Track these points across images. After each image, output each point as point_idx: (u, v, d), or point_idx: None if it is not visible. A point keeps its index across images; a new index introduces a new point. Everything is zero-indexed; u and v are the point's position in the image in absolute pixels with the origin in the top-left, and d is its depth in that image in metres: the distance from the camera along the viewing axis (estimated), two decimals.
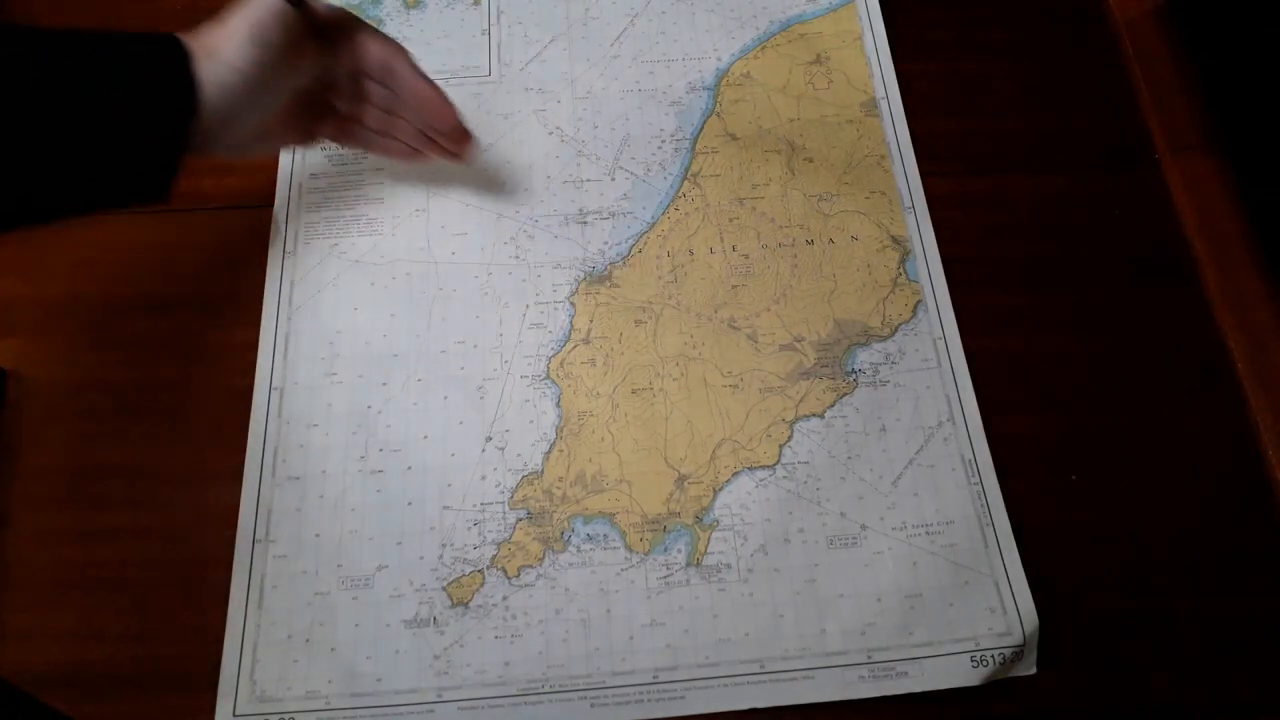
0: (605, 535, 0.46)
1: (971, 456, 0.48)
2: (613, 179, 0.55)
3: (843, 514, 0.46)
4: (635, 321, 0.51)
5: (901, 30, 0.59)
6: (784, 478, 0.47)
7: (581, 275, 0.52)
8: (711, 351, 0.50)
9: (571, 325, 0.50)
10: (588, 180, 0.54)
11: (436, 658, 0.43)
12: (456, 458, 0.47)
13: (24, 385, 0.49)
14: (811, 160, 0.55)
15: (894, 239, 0.53)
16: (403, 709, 0.42)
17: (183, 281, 0.52)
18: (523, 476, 0.47)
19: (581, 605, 0.44)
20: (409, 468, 0.47)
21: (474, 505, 0.46)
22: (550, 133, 0.56)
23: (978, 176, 0.56)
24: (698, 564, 0.45)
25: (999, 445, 0.48)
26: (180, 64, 0.37)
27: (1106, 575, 0.46)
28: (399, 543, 0.45)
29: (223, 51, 0.38)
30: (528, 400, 0.49)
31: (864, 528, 0.46)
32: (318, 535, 0.45)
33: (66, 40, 0.36)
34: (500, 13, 0.60)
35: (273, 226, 0.53)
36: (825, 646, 0.44)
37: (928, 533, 0.46)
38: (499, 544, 0.45)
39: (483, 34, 0.59)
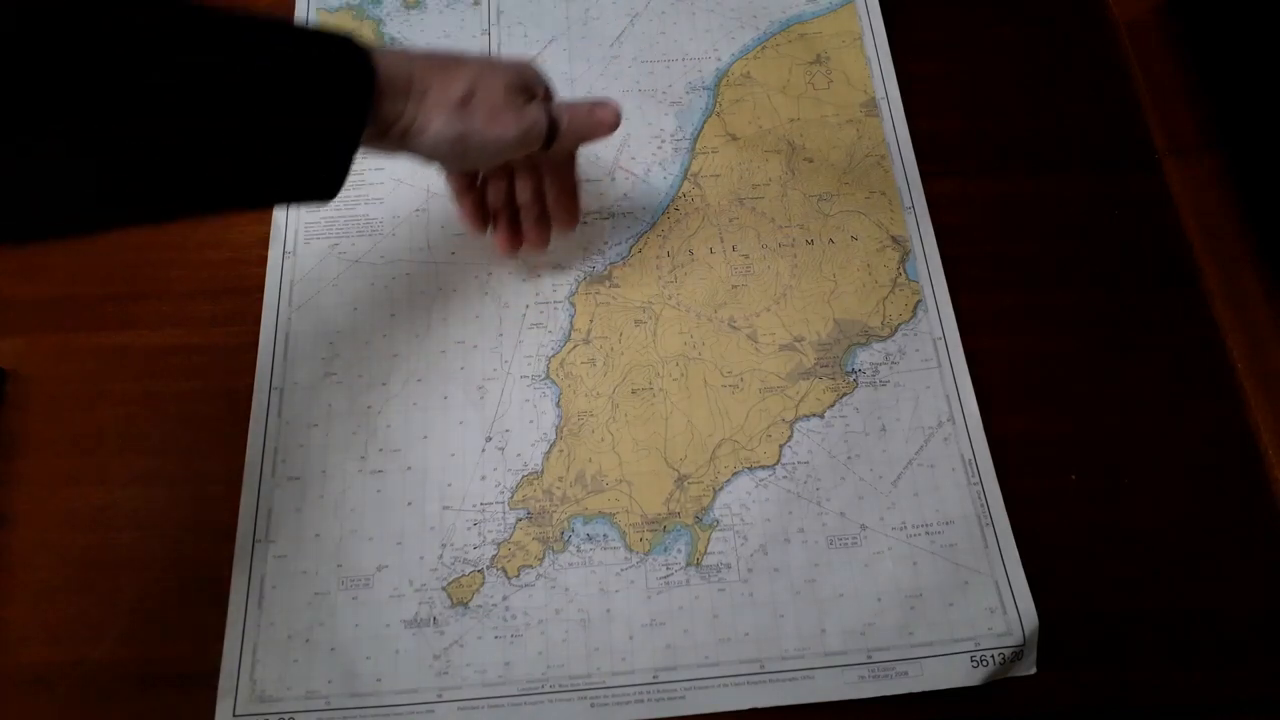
0: (605, 535, 0.46)
1: (971, 456, 0.48)
2: (613, 179, 0.55)
3: (843, 514, 0.46)
4: (635, 321, 0.51)
5: (901, 30, 0.59)
6: (784, 478, 0.47)
7: (581, 275, 0.52)
8: (711, 351, 0.50)
9: (571, 325, 0.50)
10: (588, 180, 0.54)
11: (436, 658, 0.43)
12: (456, 458, 0.47)
13: (24, 385, 0.49)
14: (811, 160, 0.55)
15: (894, 239, 0.53)
16: (402, 709, 0.42)
17: (183, 282, 0.52)
18: (523, 476, 0.47)
19: (581, 605, 0.44)
20: (409, 468, 0.47)
21: (474, 505, 0.46)
22: None
23: (977, 176, 0.56)
24: (698, 564, 0.45)
25: (999, 445, 0.48)
26: (362, 77, 0.35)
27: (1106, 575, 0.46)
28: (399, 543, 0.45)
29: (473, 137, 0.38)
30: (528, 400, 0.49)
31: (864, 528, 0.46)
32: (318, 535, 0.45)
33: (254, 28, 0.33)
34: (500, 13, 0.60)
35: (273, 226, 0.53)
36: (825, 646, 0.44)
37: (928, 533, 0.46)
38: (499, 544, 0.45)
39: (483, 34, 0.59)
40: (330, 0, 0.60)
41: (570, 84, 0.57)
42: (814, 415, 0.48)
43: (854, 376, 0.49)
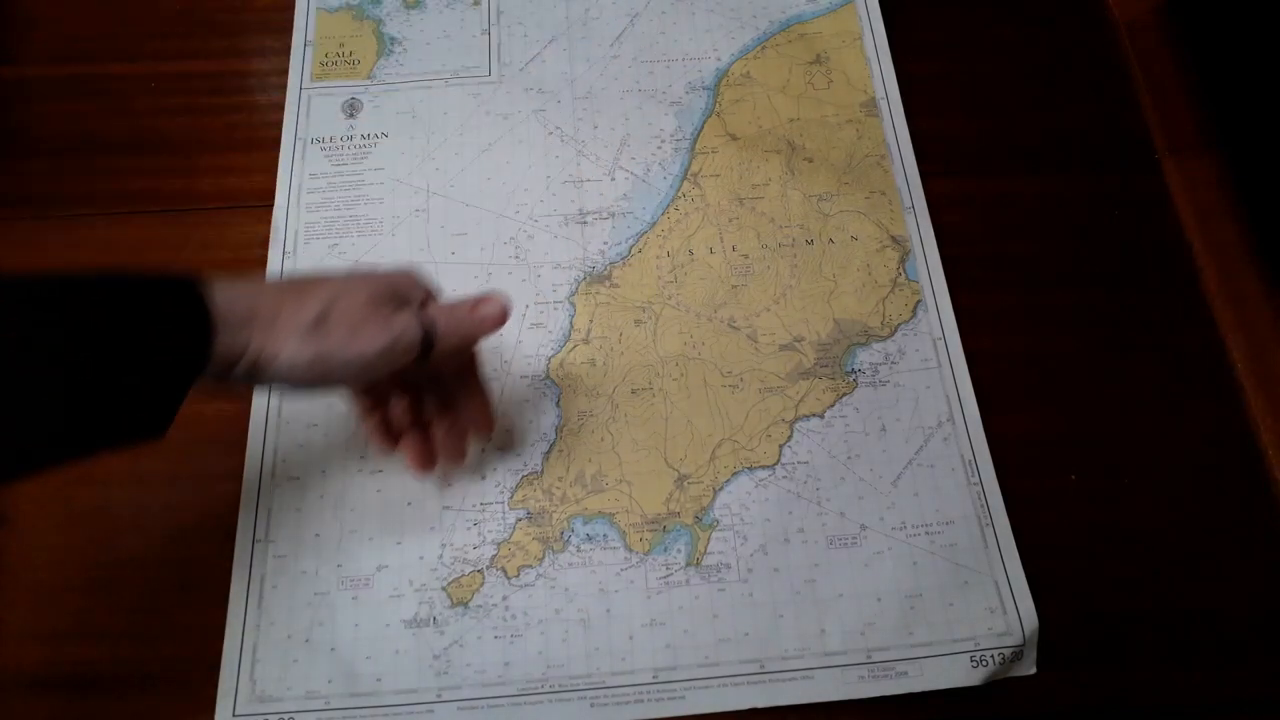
0: (605, 535, 0.46)
1: (971, 456, 0.48)
2: (613, 179, 0.55)
3: (842, 514, 0.46)
4: (635, 321, 0.51)
5: (901, 30, 0.59)
6: (784, 478, 0.47)
7: (581, 275, 0.52)
8: (711, 351, 0.50)
9: (571, 325, 0.50)
10: (588, 180, 0.54)
11: (436, 658, 0.43)
12: None
13: None
14: (811, 160, 0.55)
15: (894, 239, 0.53)
16: (402, 709, 0.42)
17: None
18: (522, 476, 0.47)
19: (581, 605, 0.44)
20: (409, 468, 0.47)
21: (474, 505, 0.46)
22: (550, 133, 0.56)
23: (977, 176, 0.56)
24: (697, 564, 0.45)
25: (999, 445, 0.48)
26: (197, 324, 0.33)
27: (1106, 575, 0.46)
28: (399, 543, 0.45)
29: (335, 354, 0.35)
30: (528, 400, 0.49)
31: (864, 528, 0.46)
32: (318, 535, 0.45)
33: (81, 288, 0.32)
34: (500, 13, 0.60)
35: (273, 226, 0.53)
36: (825, 646, 0.43)
37: (927, 533, 0.46)
38: (499, 544, 0.45)
39: (482, 34, 0.59)
40: (330, 1, 0.60)
41: (570, 84, 0.57)
42: (814, 415, 0.48)
43: (854, 376, 0.49)
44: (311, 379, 0.36)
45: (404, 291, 0.38)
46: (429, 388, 0.43)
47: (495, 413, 0.45)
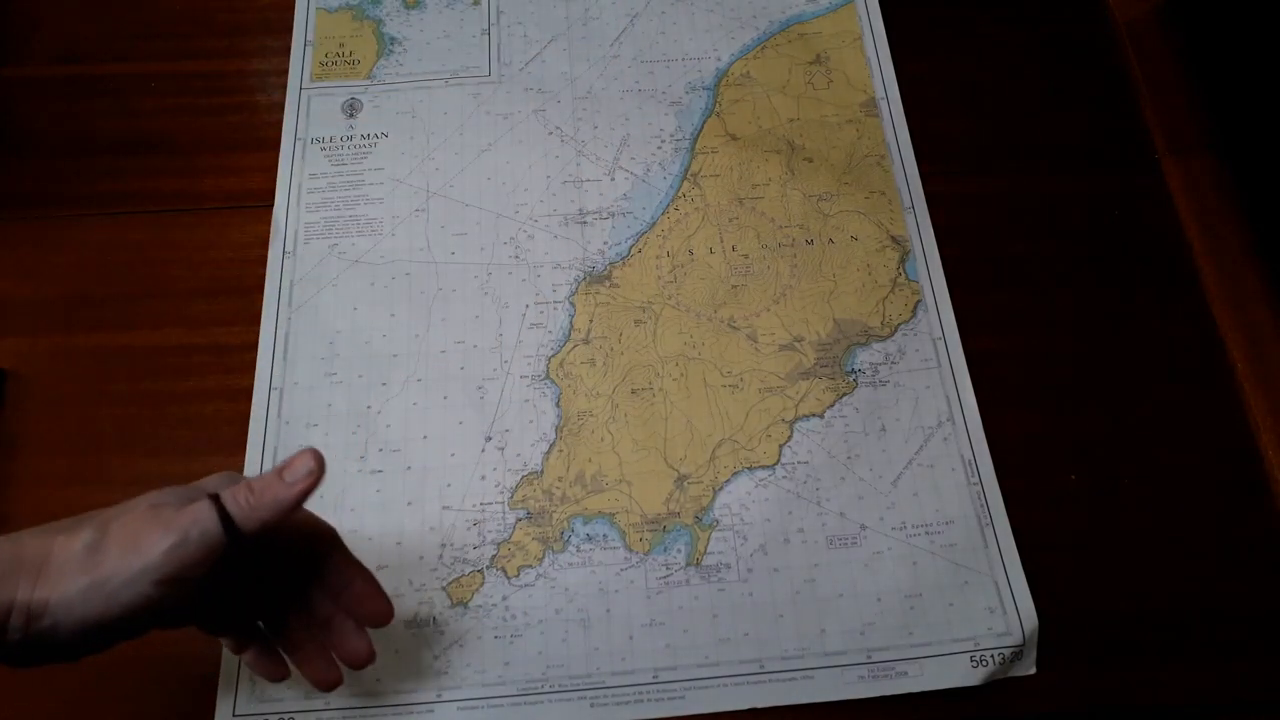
0: (605, 535, 0.46)
1: (971, 456, 0.48)
2: (613, 179, 0.55)
3: (842, 514, 0.46)
4: (635, 321, 0.51)
5: (901, 30, 0.59)
6: (784, 478, 0.47)
7: (581, 275, 0.52)
8: (711, 351, 0.50)
9: (571, 325, 0.50)
10: (588, 180, 0.54)
11: (436, 658, 0.43)
12: (456, 458, 0.47)
13: (24, 385, 0.49)
14: (811, 160, 0.55)
15: (894, 239, 0.53)
16: (402, 709, 0.42)
17: (183, 281, 0.52)
18: (522, 476, 0.47)
19: (581, 605, 0.44)
20: (409, 468, 0.47)
21: (474, 505, 0.46)
22: (550, 133, 0.56)
23: (977, 176, 0.56)
24: (697, 564, 0.45)
25: (999, 445, 0.48)
26: None
27: (1106, 575, 0.46)
28: (399, 543, 0.45)
29: (113, 578, 0.30)
30: (527, 400, 0.49)
31: (864, 528, 0.46)
32: None
33: None
34: (500, 13, 0.60)
35: (273, 226, 0.53)
36: (825, 646, 0.43)
37: (927, 533, 0.46)
38: (499, 544, 0.45)
39: (482, 34, 0.59)
40: (330, 1, 0.60)
41: (570, 84, 0.57)
42: (814, 415, 0.48)
43: (854, 376, 0.49)
44: (98, 615, 0.30)
45: (201, 488, 0.34)
46: (308, 597, 0.38)
47: (386, 597, 0.39)
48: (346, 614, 0.38)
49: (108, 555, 0.30)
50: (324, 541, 0.38)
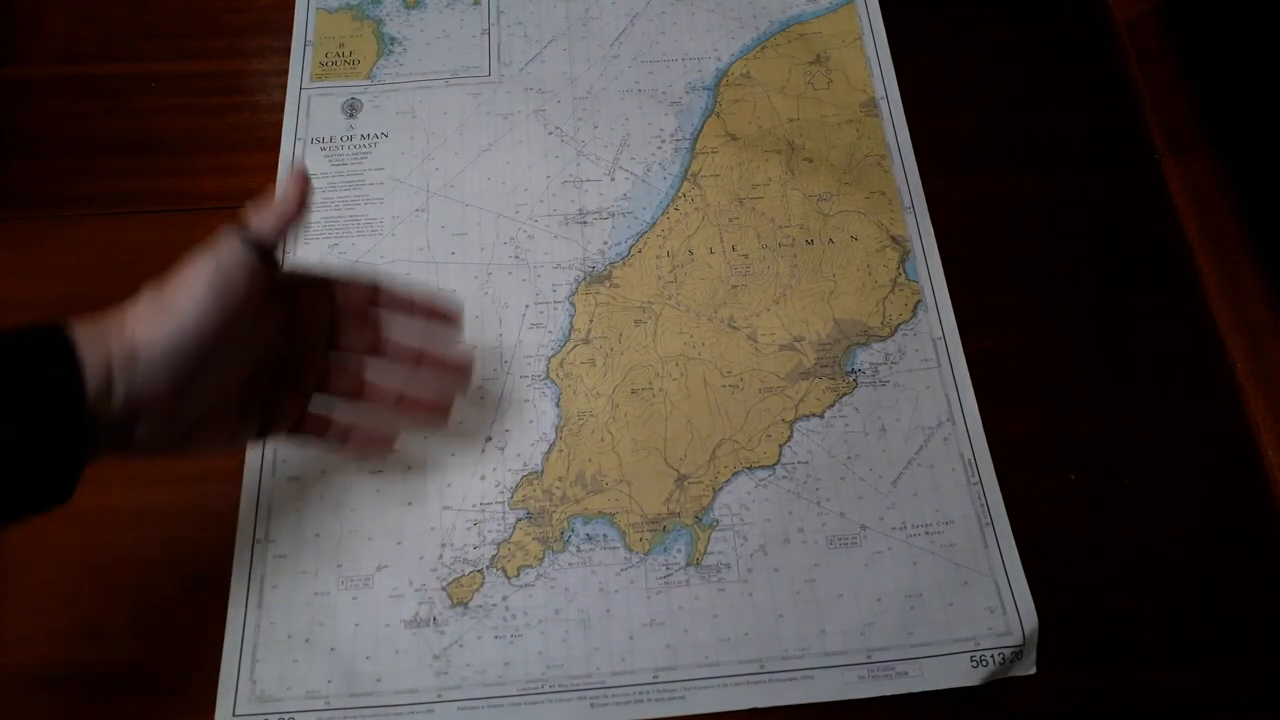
0: (605, 535, 0.46)
1: (971, 456, 0.48)
2: (613, 179, 0.55)
3: (842, 514, 0.46)
4: (635, 321, 0.51)
5: (901, 30, 0.59)
6: (784, 478, 0.47)
7: (581, 275, 0.52)
8: (711, 351, 0.50)
9: (571, 325, 0.50)
10: (588, 180, 0.54)
11: (436, 658, 0.43)
12: (456, 457, 0.47)
13: None
14: (811, 160, 0.55)
15: (894, 239, 0.53)
16: (402, 709, 0.42)
17: None
18: (522, 476, 0.47)
19: (581, 605, 0.44)
20: (409, 468, 0.47)
21: (474, 505, 0.46)
22: (550, 133, 0.56)
23: (978, 176, 0.56)
24: (697, 564, 0.45)
25: (999, 445, 0.48)
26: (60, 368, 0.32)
27: (1106, 575, 0.46)
28: (399, 543, 0.45)
29: (176, 302, 0.34)
30: (528, 400, 0.49)
31: (864, 528, 0.46)
32: (318, 535, 0.45)
33: None
34: (500, 13, 0.60)
35: None
36: (825, 646, 0.44)
37: (927, 533, 0.46)
38: (499, 544, 0.45)
39: (482, 34, 0.59)
40: (330, 1, 0.60)
41: (570, 84, 0.57)
42: (814, 415, 0.48)
43: (854, 376, 0.49)
44: (173, 341, 0.34)
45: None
46: (342, 367, 0.42)
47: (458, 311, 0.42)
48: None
49: (167, 286, 0.35)
50: (374, 291, 0.42)
